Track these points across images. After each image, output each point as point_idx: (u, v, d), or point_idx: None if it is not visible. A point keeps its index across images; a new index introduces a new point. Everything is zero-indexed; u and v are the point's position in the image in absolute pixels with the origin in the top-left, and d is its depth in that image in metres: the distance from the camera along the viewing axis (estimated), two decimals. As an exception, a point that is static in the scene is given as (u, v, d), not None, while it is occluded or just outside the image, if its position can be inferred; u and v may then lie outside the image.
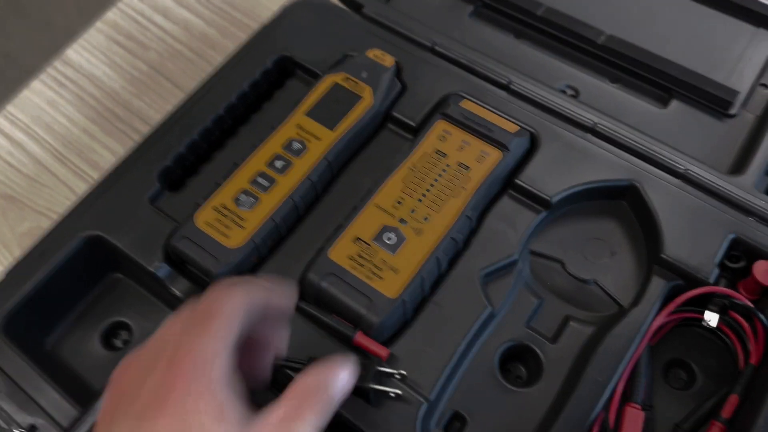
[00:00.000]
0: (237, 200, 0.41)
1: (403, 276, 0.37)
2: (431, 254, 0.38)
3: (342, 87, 0.45)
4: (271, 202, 0.41)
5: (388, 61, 0.46)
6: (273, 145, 0.43)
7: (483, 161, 0.41)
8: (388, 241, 0.38)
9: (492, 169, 0.41)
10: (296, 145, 0.43)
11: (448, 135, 0.43)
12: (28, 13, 1.56)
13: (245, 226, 0.40)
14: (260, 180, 0.41)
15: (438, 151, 0.42)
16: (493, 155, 0.42)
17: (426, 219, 0.39)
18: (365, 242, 0.38)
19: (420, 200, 0.40)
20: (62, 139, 0.52)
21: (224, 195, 0.41)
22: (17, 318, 0.39)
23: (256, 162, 0.42)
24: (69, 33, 0.56)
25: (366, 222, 0.39)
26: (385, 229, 0.39)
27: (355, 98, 0.45)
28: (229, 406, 0.24)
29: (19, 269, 0.40)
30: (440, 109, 0.44)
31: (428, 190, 0.40)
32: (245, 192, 0.41)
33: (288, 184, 0.41)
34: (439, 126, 0.43)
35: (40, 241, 0.41)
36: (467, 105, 0.44)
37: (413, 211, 0.40)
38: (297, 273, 0.39)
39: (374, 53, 0.47)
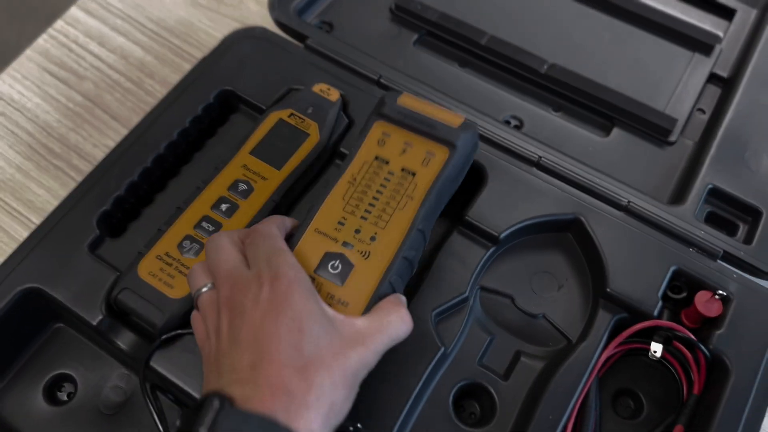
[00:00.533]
0: (181, 247, 0.40)
1: (355, 309, 0.34)
2: (383, 279, 0.34)
3: (288, 124, 0.44)
4: None
5: (334, 95, 0.46)
6: (218, 186, 0.42)
7: (429, 163, 0.37)
8: (333, 271, 0.35)
9: (440, 171, 0.37)
10: (242, 186, 0.42)
11: (388, 137, 0.38)
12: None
13: None
14: (205, 224, 0.40)
15: (378, 158, 0.38)
16: (440, 155, 0.37)
17: (373, 239, 0.35)
18: (309, 275, 0.34)
19: (364, 218, 0.36)
20: (-7, 178, 0.50)
21: (167, 242, 0.40)
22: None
23: (201, 205, 0.41)
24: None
25: (306, 250, 0.35)
26: (328, 256, 0.35)
27: (302, 135, 0.44)
28: (322, 306, 0.32)
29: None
30: (376, 109, 0.39)
31: (372, 205, 0.36)
32: (189, 238, 0.40)
33: (234, 227, 0.40)
34: (378, 128, 0.39)
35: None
36: (406, 101, 0.39)
37: (358, 231, 0.36)
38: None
39: (320, 87, 0.46)
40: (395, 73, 0.48)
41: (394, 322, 0.33)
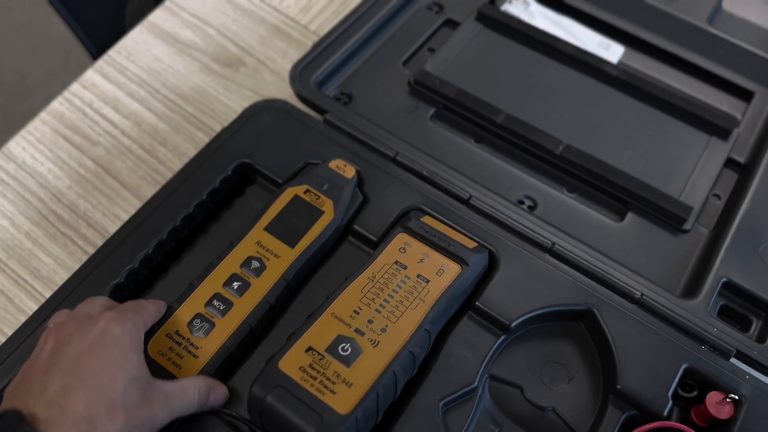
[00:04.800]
0: (191, 325, 0.42)
1: (358, 391, 0.38)
2: (388, 368, 0.39)
3: (303, 200, 0.47)
4: (227, 327, 0.42)
5: (350, 172, 0.49)
6: (231, 263, 0.45)
7: (442, 275, 0.44)
8: (343, 353, 0.40)
9: (451, 283, 0.44)
10: (255, 264, 0.44)
11: (409, 247, 0.45)
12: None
13: (199, 355, 0.41)
14: (216, 303, 0.43)
15: (398, 262, 0.45)
16: (453, 269, 0.44)
17: (383, 330, 0.41)
18: (318, 353, 0.40)
19: (378, 311, 0.42)
20: (2, 244, 0.53)
21: (178, 320, 0.43)
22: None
23: (213, 282, 0.44)
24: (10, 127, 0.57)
25: (321, 331, 0.41)
26: (340, 339, 0.40)
27: (317, 212, 0.47)
28: (138, 367, 0.36)
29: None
30: (401, 222, 0.47)
31: (387, 301, 0.42)
32: (200, 317, 0.43)
33: (245, 307, 0.43)
34: (400, 238, 0.46)
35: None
36: (428, 221, 0.47)
37: (371, 321, 0.41)
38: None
39: (336, 164, 0.49)
40: (411, 150, 0.52)
41: (193, 394, 0.38)
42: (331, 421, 0.37)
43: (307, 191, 0.48)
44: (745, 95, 0.58)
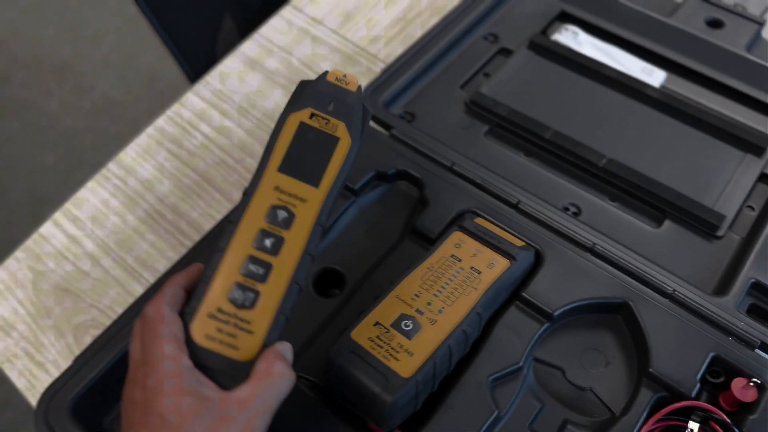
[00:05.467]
0: (232, 298, 0.38)
1: (418, 359, 0.44)
2: (444, 342, 0.46)
3: (311, 127, 0.41)
4: (274, 292, 0.38)
5: (353, 84, 0.42)
6: (254, 218, 0.39)
7: (493, 267, 0.50)
8: (405, 328, 0.46)
9: (501, 275, 0.50)
10: (282, 214, 0.39)
11: (463, 243, 0.52)
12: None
13: (253, 330, 0.38)
14: (252, 267, 0.38)
15: (453, 256, 0.51)
16: (502, 263, 0.51)
17: (440, 311, 0.47)
18: (384, 327, 0.46)
19: (435, 295, 0.48)
20: (114, 237, 0.62)
21: (216, 295, 0.37)
22: (83, 401, 0.48)
23: (241, 244, 0.38)
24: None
25: (386, 309, 0.47)
26: (403, 317, 0.47)
27: (331, 140, 0.41)
28: (196, 389, 0.35)
29: (86, 357, 0.49)
30: (456, 222, 0.54)
31: (443, 288, 0.49)
32: (240, 287, 0.38)
33: (286, 265, 0.38)
34: (456, 236, 0.53)
35: (104, 331, 0.50)
36: (481, 222, 0.54)
37: (429, 303, 0.48)
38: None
39: (335, 75, 0.42)
40: (467, 161, 0.58)
41: (275, 381, 0.36)
42: (395, 382, 0.44)
43: (312, 116, 0.41)
44: (781, 116, 0.63)
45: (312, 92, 0.42)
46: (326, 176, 0.40)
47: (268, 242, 0.39)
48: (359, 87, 0.42)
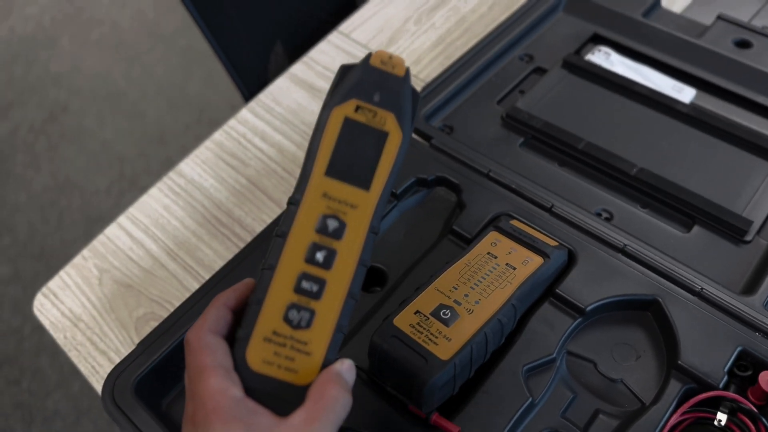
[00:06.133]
0: (287, 319, 0.36)
1: (455, 345, 0.47)
2: (480, 329, 0.49)
3: (357, 123, 0.37)
4: (330, 309, 0.37)
5: (399, 67, 0.38)
6: (303, 231, 0.37)
7: (527, 264, 0.53)
8: (444, 316, 0.49)
9: (534, 271, 0.53)
10: (332, 224, 0.37)
11: (499, 242, 0.55)
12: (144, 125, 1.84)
13: (311, 351, 0.36)
14: (305, 285, 0.37)
15: (490, 254, 0.54)
16: (536, 261, 0.54)
17: (477, 303, 0.50)
18: (424, 315, 0.49)
19: (472, 288, 0.51)
20: (174, 239, 0.67)
21: (269, 317, 0.36)
22: (144, 382, 0.53)
23: (292, 260, 0.37)
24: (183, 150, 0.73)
25: (426, 300, 0.51)
26: (442, 306, 0.50)
27: (380, 135, 0.37)
28: (246, 419, 0.34)
29: (149, 342, 0.54)
30: (493, 224, 0.58)
31: (480, 281, 0.52)
32: (294, 306, 0.36)
33: (341, 279, 0.37)
34: (492, 236, 0.56)
35: (166, 318, 0.55)
36: (516, 223, 0.57)
37: (466, 295, 0.51)
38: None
39: (380, 59, 0.38)
40: (503, 169, 0.62)
41: (329, 407, 0.35)
42: (434, 364, 0.47)
43: (358, 108, 0.37)
44: (810, 130, 0.65)
45: (355, 80, 0.37)
46: (377, 177, 0.37)
47: (320, 256, 0.36)
48: (407, 70, 0.38)
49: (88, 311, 0.64)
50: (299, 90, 0.78)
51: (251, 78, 0.96)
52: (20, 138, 1.91)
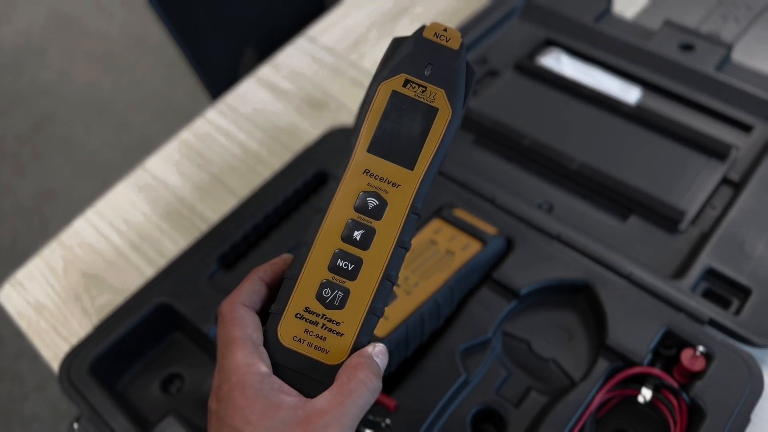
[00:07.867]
0: (321, 298, 0.36)
1: (392, 323, 0.51)
2: (416, 310, 0.52)
3: (406, 97, 0.36)
4: (364, 290, 0.36)
5: (455, 40, 0.37)
6: (342, 208, 0.36)
7: (466, 250, 0.57)
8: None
9: (473, 257, 0.56)
10: (372, 202, 0.36)
11: (441, 230, 0.58)
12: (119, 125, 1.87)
13: (343, 331, 0.35)
14: (341, 263, 0.36)
15: (431, 240, 0.57)
16: (475, 246, 0.57)
17: (415, 285, 0.53)
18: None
19: (412, 272, 0.55)
20: (138, 232, 0.70)
21: (303, 294, 0.35)
22: (100, 363, 0.55)
23: (328, 238, 0.36)
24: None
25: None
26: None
27: (429, 111, 0.36)
28: (270, 397, 0.33)
29: (105, 325, 0.57)
30: (438, 212, 0.60)
31: (420, 266, 0.55)
32: (328, 284, 0.36)
33: (378, 260, 0.36)
34: (435, 223, 0.59)
35: (122, 303, 0.57)
36: (459, 212, 0.60)
37: (406, 279, 0.54)
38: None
39: (434, 30, 0.37)
40: (450, 163, 0.65)
41: (357, 391, 0.34)
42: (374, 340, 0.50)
43: (407, 83, 0.36)
44: (746, 128, 0.68)
45: (406, 53, 0.36)
46: (422, 156, 0.36)
47: (357, 235, 0.36)
48: (462, 44, 0.36)
49: (52, 300, 0.67)
50: (265, 91, 0.81)
51: (221, 81, 0.99)
52: (7, 146, 1.95)
